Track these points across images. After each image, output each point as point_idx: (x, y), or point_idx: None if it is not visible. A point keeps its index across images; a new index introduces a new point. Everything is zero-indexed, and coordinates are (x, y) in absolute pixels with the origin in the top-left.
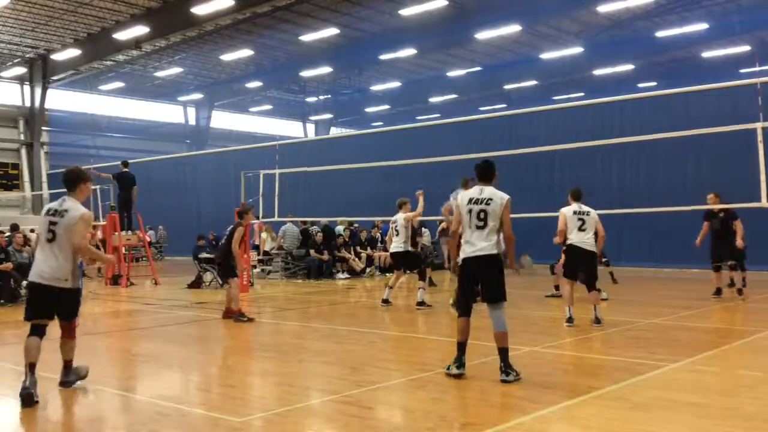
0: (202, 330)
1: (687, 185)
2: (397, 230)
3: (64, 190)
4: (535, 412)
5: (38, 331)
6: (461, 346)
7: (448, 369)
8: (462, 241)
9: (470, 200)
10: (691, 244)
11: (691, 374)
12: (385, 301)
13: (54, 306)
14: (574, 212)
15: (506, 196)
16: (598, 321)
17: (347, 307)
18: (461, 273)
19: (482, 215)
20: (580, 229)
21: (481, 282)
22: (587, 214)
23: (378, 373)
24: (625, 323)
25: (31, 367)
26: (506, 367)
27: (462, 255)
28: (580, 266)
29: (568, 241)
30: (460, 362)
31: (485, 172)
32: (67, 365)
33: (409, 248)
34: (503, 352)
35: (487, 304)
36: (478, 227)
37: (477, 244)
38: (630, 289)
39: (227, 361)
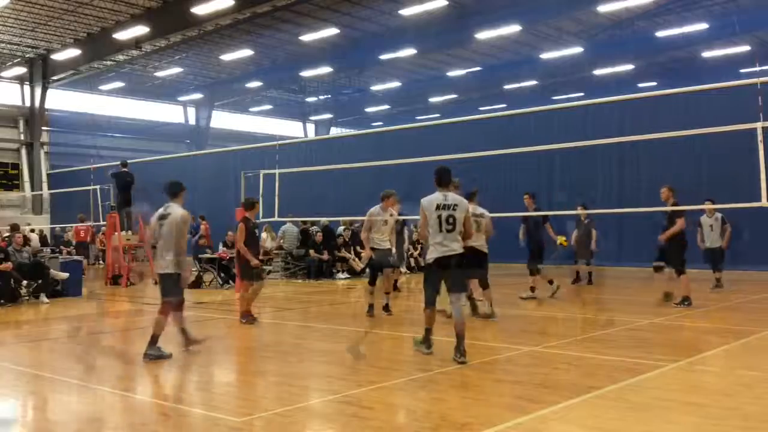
0: (202, 330)
1: (687, 185)
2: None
3: (64, 190)
4: (535, 412)
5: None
6: (429, 332)
7: (416, 346)
8: (431, 242)
9: (438, 206)
10: (691, 244)
11: (691, 374)
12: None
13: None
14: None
15: (466, 202)
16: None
17: (347, 307)
18: (432, 271)
19: (451, 220)
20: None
21: (451, 276)
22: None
23: (378, 373)
24: (625, 323)
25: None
26: (463, 350)
27: (434, 255)
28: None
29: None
30: (429, 343)
31: (444, 178)
32: (153, 339)
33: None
34: (462, 338)
35: (452, 294)
36: (449, 230)
37: (449, 245)
38: (630, 290)
39: (227, 361)
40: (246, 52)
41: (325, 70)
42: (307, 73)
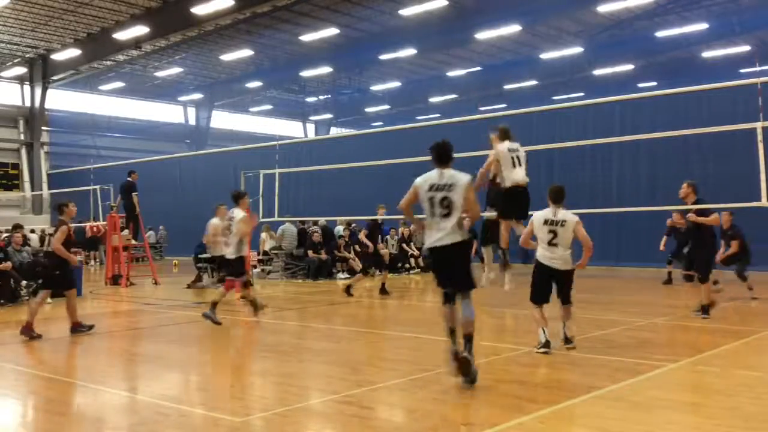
0: (202, 330)
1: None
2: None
3: (64, 190)
4: (535, 412)
5: None
6: (451, 331)
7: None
8: (426, 230)
9: (431, 187)
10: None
11: (691, 374)
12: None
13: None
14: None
15: (467, 176)
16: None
17: (347, 307)
18: (430, 262)
19: (446, 203)
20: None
21: (450, 271)
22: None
23: (378, 373)
24: (625, 323)
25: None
26: (470, 350)
27: (427, 243)
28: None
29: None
30: (453, 342)
31: (444, 154)
32: (213, 304)
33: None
34: (468, 338)
35: (459, 294)
36: (443, 215)
37: (440, 232)
38: (630, 290)
39: (227, 361)
40: (246, 52)
41: (325, 70)
42: (307, 73)
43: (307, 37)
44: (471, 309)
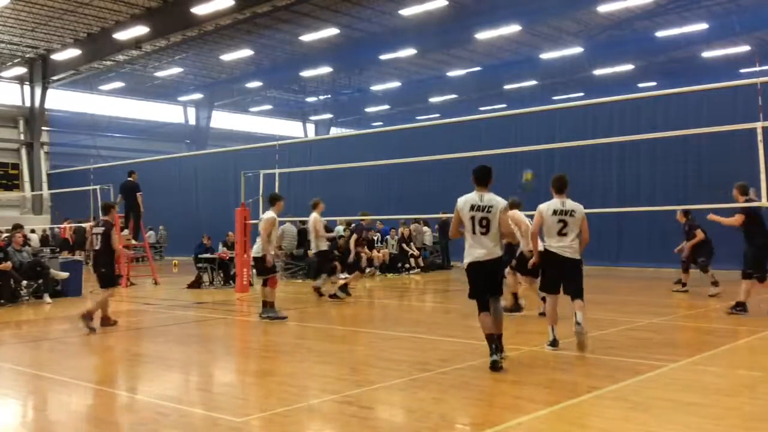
0: (202, 330)
1: (687, 185)
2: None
3: (64, 190)
4: (535, 412)
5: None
6: (490, 338)
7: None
8: (467, 245)
9: (472, 207)
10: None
11: (691, 374)
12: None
13: None
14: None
15: (503, 203)
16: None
17: (347, 307)
18: (469, 276)
19: (484, 222)
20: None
21: (487, 281)
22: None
23: (378, 373)
24: (625, 323)
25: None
26: (497, 348)
27: (468, 259)
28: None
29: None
30: (491, 350)
31: (484, 178)
32: (264, 304)
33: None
34: (498, 337)
35: (492, 297)
36: (482, 233)
37: (481, 249)
38: (630, 289)
39: (227, 361)
40: (246, 52)
41: (325, 70)
42: (307, 73)
43: (307, 37)
44: (500, 310)
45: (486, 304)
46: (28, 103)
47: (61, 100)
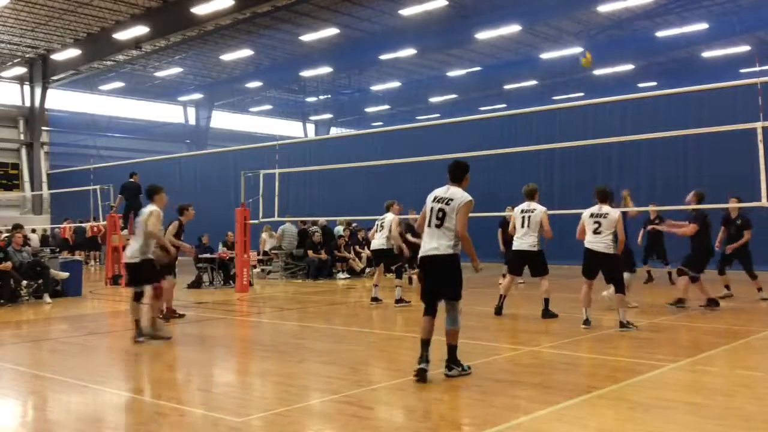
0: (202, 330)
1: (687, 185)
2: (381, 226)
3: (64, 190)
4: (535, 412)
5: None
6: (423, 343)
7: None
8: (423, 238)
9: (435, 198)
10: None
11: (691, 374)
12: (375, 299)
13: None
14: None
15: (467, 198)
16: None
17: (347, 307)
18: (420, 271)
19: (440, 214)
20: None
21: (437, 281)
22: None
23: (378, 373)
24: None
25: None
26: (451, 361)
27: (421, 253)
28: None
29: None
30: (420, 357)
31: (455, 173)
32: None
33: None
34: (451, 349)
35: (447, 302)
36: (436, 225)
37: (432, 242)
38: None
39: (227, 361)
40: (246, 52)
41: (325, 70)
42: (307, 73)
43: (307, 37)
44: (455, 318)
45: (432, 307)
46: (28, 103)
47: (61, 100)
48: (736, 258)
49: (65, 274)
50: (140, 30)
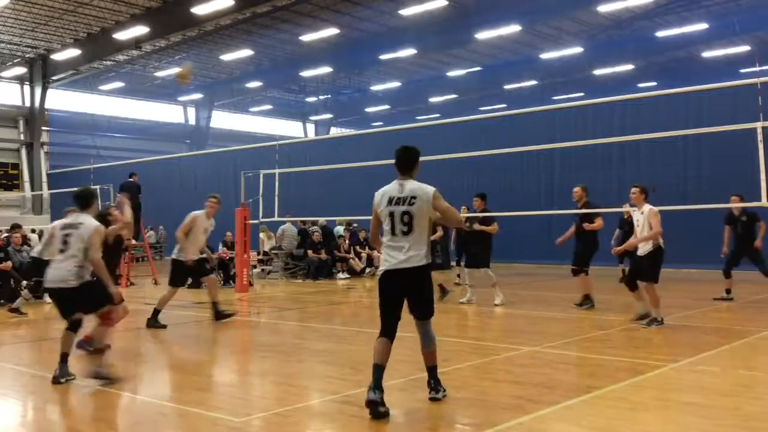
0: (202, 330)
1: (687, 185)
2: None
3: (64, 190)
4: (535, 412)
5: None
6: (375, 368)
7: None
8: (383, 249)
9: (390, 200)
10: (689, 244)
11: (691, 374)
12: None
13: None
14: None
15: (430, 189)
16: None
17: (347, 307)
18: (381, 289)
19: (406, 218)
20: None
21: (410, 297)
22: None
23: None
24: (625, 323)
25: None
26: (437, 384)
27: (383, 266)
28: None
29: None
30: (372, 384)
31: (405, 161)
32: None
33: None
34: (433, 370)
35: (418, 321)
36: (404, 233)
37: (400, 254)
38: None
39: (227, 361)
40: (246, 52)
41: (325, 70)
42: (307, 73)
43: (307, 37)
44: (432, 336)
45: (391, 327)
46: (28, 103)
47: (61, 100)
48: (748, 255)
49: None
50: (140, 30)
